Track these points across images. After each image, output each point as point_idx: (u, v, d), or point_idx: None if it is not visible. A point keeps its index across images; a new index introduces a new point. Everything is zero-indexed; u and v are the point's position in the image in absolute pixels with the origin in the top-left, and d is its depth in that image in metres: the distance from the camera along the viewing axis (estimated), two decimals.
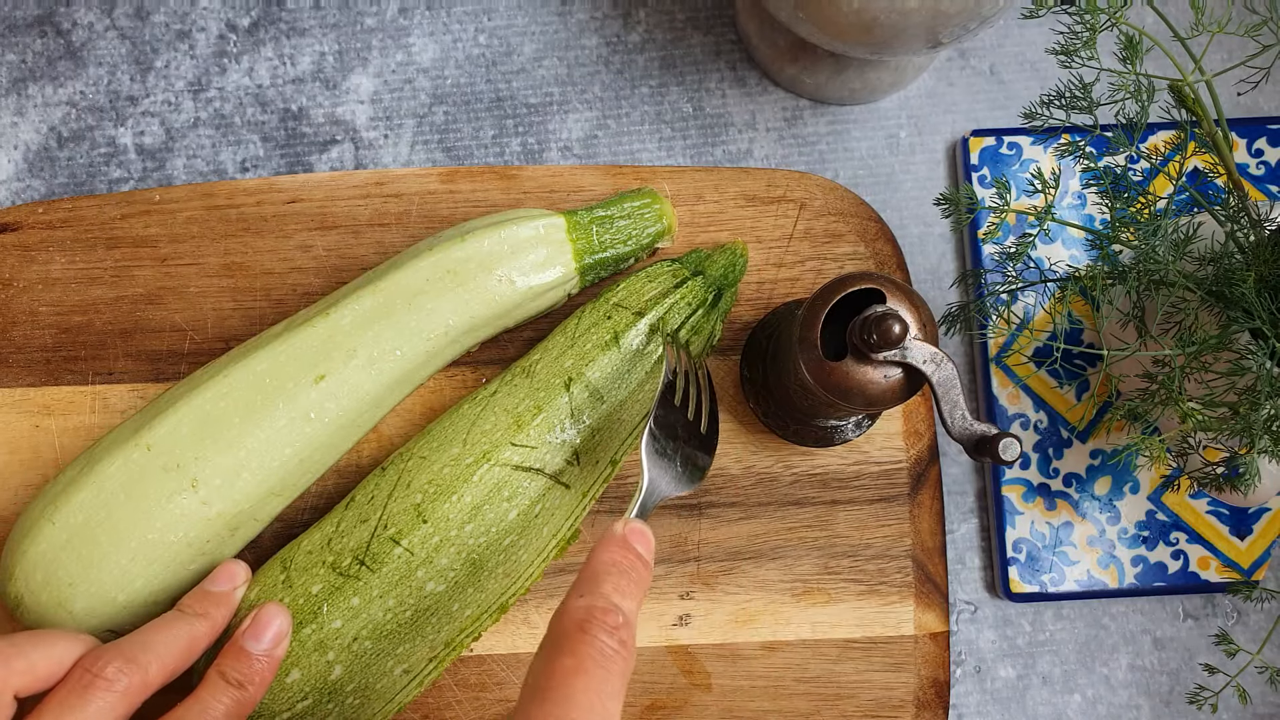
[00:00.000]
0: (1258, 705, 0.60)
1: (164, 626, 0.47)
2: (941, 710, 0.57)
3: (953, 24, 0.50)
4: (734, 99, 0.63)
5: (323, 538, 0.51)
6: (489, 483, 0.52)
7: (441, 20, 0.63)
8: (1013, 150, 0.61)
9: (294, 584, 0.50)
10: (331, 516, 0.52)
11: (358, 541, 0.51)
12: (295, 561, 0.51)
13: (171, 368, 0.57)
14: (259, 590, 0.50)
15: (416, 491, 0.51)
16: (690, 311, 0.55)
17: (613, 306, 0.55)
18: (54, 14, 0.62)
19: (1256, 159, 0.61)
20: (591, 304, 0.55)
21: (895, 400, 0.47)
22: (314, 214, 0.59)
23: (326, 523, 0.52)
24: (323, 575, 0.50)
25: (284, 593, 0.50)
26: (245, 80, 0.62)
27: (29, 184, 0.61)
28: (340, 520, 0.52)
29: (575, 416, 0.53)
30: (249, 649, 0.47)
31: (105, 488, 0.50)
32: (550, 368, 0.54)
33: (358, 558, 0.50)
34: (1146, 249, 0.47)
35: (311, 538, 0.52)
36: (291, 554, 0.51)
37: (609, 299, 0.55)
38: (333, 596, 0.50)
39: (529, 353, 0.55)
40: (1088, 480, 0.60)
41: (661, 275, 0.56)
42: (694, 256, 0.57)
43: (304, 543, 0.52)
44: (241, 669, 0.46)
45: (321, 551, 0.51)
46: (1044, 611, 0.61)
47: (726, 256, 0.57)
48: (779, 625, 0.57)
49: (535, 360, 0.54)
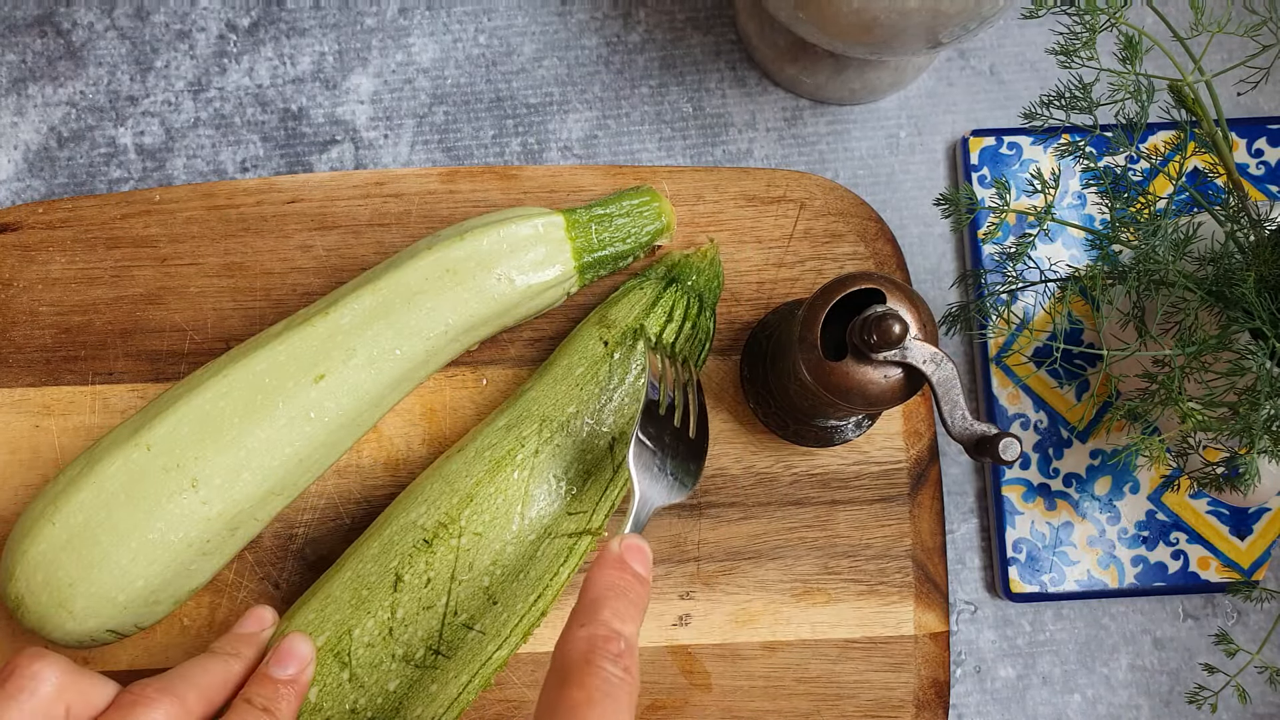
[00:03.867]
0: (1257, 705, 0.60)
1: (200, 664, 0.46)
2: (941, 710, 0.57)
3: (953, 24, 0.50)
4: (734, 99, 0.63)
5: (380, 627, 0.49)
6: (549, 554, 0.52)
7: (441, 20, 0.63)
8: (1013, 150, 0.61)
9: (364, 681, 0.49)
10: (377, 593, 0.49)
11: (427, 631, 0.49)
12: (356, 656, 0.49)
13: (171, 368, 0.57)
14: (320, 690, 0.48)
15: (483, 575, 0.50)
16: (679, 327, 0.55)
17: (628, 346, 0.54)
18: (54, 14, 0.62)
19: (1256, 159, 0.61)
20: (619, 350, 0.54)
21: (895, 400, 0.47)
22: (314, 214, 0.59)
23: (375, 604, 0.49)
24: (397, 670, 0.49)
25: (355, 692, 0.49)
26: (245, 80, 0.62)
27: (29, 184, 0.61)
28: (396, 606, 0.49)
29: (618, 472, 0.53)
30: (274, 675, 0.47)
31: (105, 488, 0.50)
32: (593, 428, 0.53)
33: (431, 648, 0.50)
34: (1146, 249, 0.47)
35: (364, 624, 0.49)
36: (345, 645, 0.49)
37: (614, 328, 0.55)
38: (413, 690, 0.50)
39: (557, 397, 0.53)
40: (1088, 480, 0.60)
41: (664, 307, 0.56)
42: (669, 269, 0.57)
43: (355, 630, 0.49)
44: (267, 693, 0.46)
45: (386, 643, 0.49)
46: (1044, 611, 0.61)
47: (699, 262, 0.57)
48: (779, 625, 0.57)
49: (571, 415, 0.53)
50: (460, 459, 0.52)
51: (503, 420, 0.53)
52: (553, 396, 0.53)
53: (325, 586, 0.51)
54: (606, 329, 0.54)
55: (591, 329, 0.55)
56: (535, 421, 0.53)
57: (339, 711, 0.49)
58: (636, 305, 0.55)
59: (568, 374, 0.54)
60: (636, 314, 0.55)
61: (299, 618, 0.50)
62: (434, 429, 0.58)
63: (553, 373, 0.54)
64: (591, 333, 0.55)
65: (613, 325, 0.54)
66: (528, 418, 0.53)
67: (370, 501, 0.57)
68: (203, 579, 0.53)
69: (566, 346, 0.55)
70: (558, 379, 0.54)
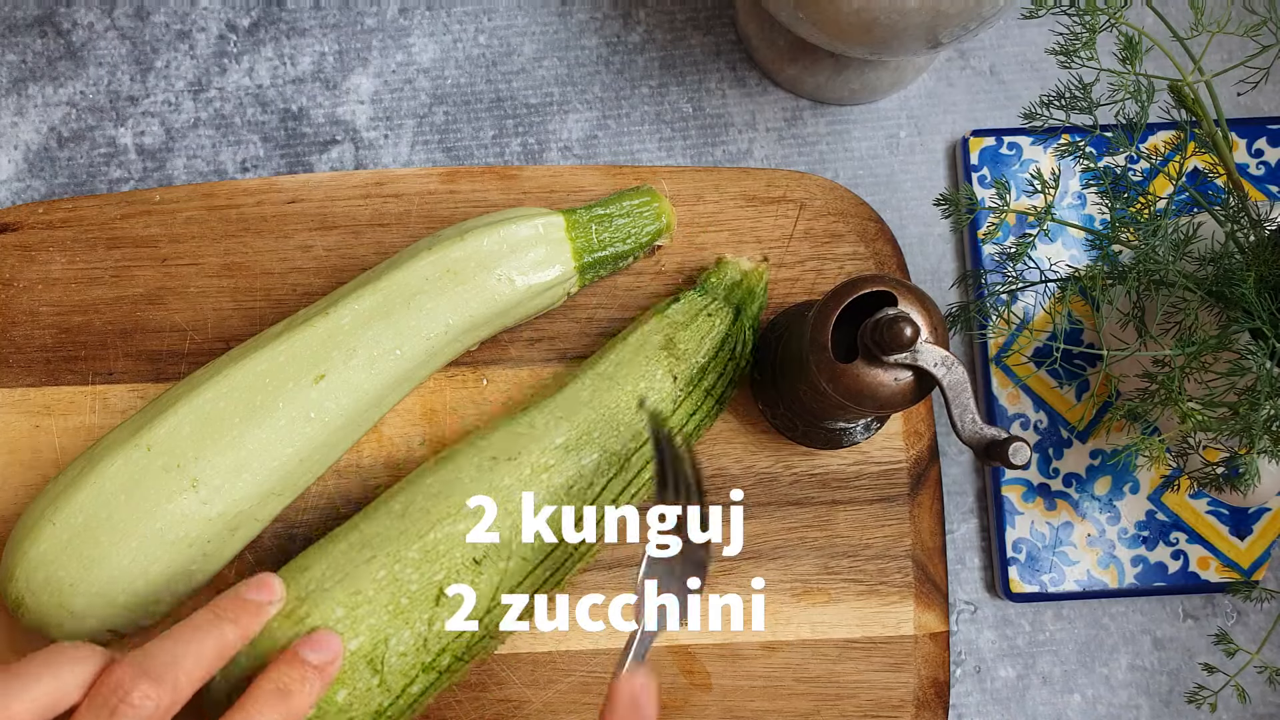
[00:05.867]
0: (1257, 705, 0.60)
1: (192, 635, 0.44)
2: (941, 710, 0.57)
3: (953, 24, 0.50)
4: (734, 99, 0.63)
5: (416, 639, 0.49)
6: (571, 564, 0.54)
7: (441, 20, 0.63)
8: (1013, 150, 0.61)
9: (392, 687, 0.49)
10: (418, 605, 0.49)
11: (459, 644, 0.50)
12: (389, 664, 0.48)
13: (171, 368, 0.57)
14: (348, 693, 0.48)
15: (520, 594, 0.51)
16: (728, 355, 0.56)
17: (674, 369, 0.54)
18: (54, 14, 0.62)
19: (1256, 159, 0.61)
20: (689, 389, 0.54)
21: (906, 403, 0.47)
22: (314, 214, 0.59)
23: (415, 615, 0.49)
24: (423, 677, 0.50)
25: (382, 695, 0.49)
26: (245, 80, 0.62)
27: (29, 184, 0.61)
28: (434, 620, 0.49)
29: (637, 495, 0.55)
30: (307, 657, 0.46)
31: (106, 488, 0.50)
32: (647, 462, 0.54)
33: (458, 657, 0.50)
34: (1146, 249, 0.47)
35: (400, 635, 0.49)
36: (380, 653, 0.48)
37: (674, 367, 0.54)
38: (431, 689, 0.50)
39: (620, 427, 0.53)
40: (1088, 480, 0.60)
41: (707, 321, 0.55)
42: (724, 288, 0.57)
43: (392, 640, 0.48)
44: (293, 675, 0.45)
45: (419, 654, 0.49)
46: (1044, 611, 0.61)
47: (756, 285, 0.57)
48: (779, 625, 0.57)
49: (632, 450, 0.53)
50: (514, 473, 0.51)
51: (560, 438, 0.52)
52: (615, 424, 0.53)
53: (353, 578, 0.49)
54: (676, 361, 0.54)
55: (659, 355, 0.54)
56: (597, 450, 0.52)
57: (365, 713, 0.49)
58: (707, 339, 0.55)
59: (634, 403, 0.53)
60: (707, 349, 0.55)
61: (324, 605, 0.48)
62: (434, 429, 0.58)
63: (616, 395, 0.53)
64: (660, 360, 0.54)
65: (683, 359, 0.54)
66: (589, 443, 0.52)
67: (370, 501, 0.57)
68: (203, 579, 0.53)
69: (629, 365, 0.54)
70: (622, 405, 0.53)
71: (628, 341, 0.55)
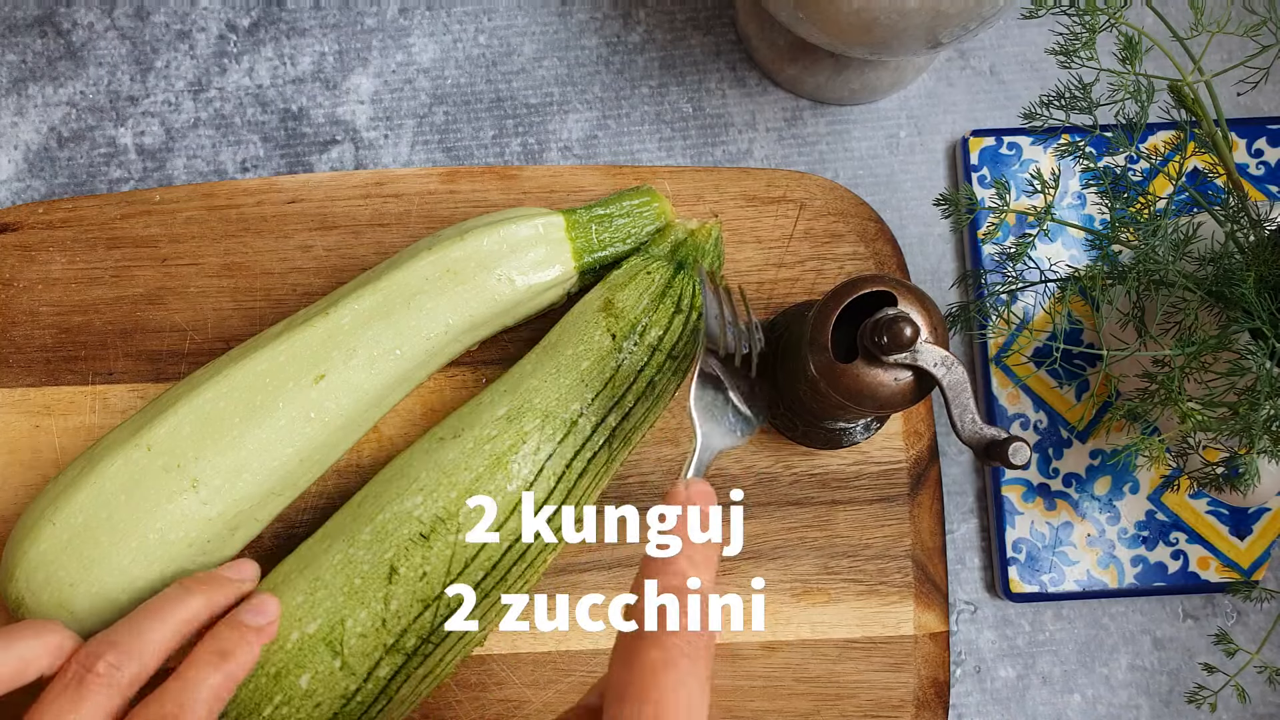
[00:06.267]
0: (1257, 705, 0.60)
1: (158, 609, 0.45)
2: (941, 710, 0.57)
3: (953, 24, 0.50)
4: (734, 99, 0.63)
5: (373, 618, 0.49)
6: (541, 545, 0.53)
7: (441, 20, 0.63)
8: (1013, 150, 0.61)
9: (355, 670, 0.49)
10: (371, 584, 0.49)
11: (420, 623, 0.50)
12: (348, 645, 0.49)
13: (171, 368, 0.57)
14: (310, 677, 0.49)
15: (477, 570, 0.50)
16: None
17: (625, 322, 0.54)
18: (54, 14, 0.62)
19: (1256, 159, 0.61)
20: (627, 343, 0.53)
21: (906, 403, 0.47)
22: (314, 214, 0.59)
23: (369, 594, 0.49)
24: (388, 659, 0.50)
25: (348, 679, 0.49)
26: (245, 80, 0.62)
27: (29, 184, 0.61)
28: (390, 598, 0.49)
29: (609, 466, 0.55)
30: (244, 619, 0.47)
31: (106, 488, 0.50)
32: (595, 426, 0.53)
33: (422, 637, 0.50)
34: (1146, 249, 0.47)
35: (356, 615, 0.49)
36: (338, 634, 0.49)
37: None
38: (401, 673, 0.50)
39: (561, 391, 0.53)
40: (1087, 480, 0.60)
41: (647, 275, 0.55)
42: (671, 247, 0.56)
43: (348, 620, 0.49)
44: (232, 639, 0.46)
45: (379, 634, 0.49)
46: (1044, 611, 0.61)
47: (704, 241, 0.56)
48: (779, 625, 0.57)
49: (575, 414, 0.53)
50: (457, 447, 0.52)
51: (502, 409, 0.52)
52: (556, 389, 0.53)
53: (312, 567, 0.51)
54: (615, 319, 0.53)
55: (598, 317, 0.54)
56: (538, 416, 0.52)
57: (331, 697, 0.49)
58: (645, 294, 0.54)
59: (574, 366, 0.53)
60: (645, 305, 0.53)
61: (286, 595, 0.50)
62: None
63: (556, 361, 0.53)
64: (598, 321, 0.53)
65: (620, 316, 0.53)
66: (529, 410, 0.52)
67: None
68: None
69: (570, 331, 0.54)
70: (562, 369, 0.53)
71: (570, 311, 0.55)
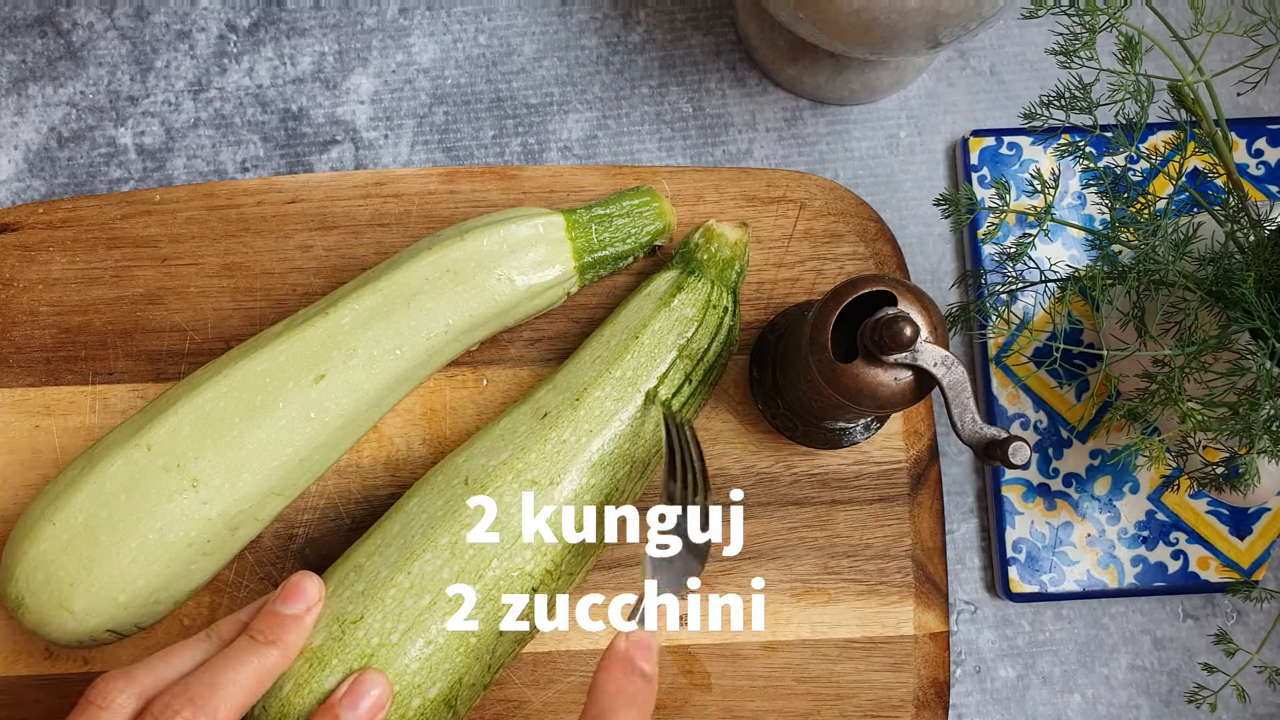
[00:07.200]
0: (1257, 705, 0.60)
1: (232, 662, 0.44)
2: (941, 710, 0.57)
3: (953, 24, 0.50)
4: (734, 99, 0.63)
5: (483, 669, 0.50)
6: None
7: (441, 20, 0.63)
8: (1013, 150, 0.61)
9: (461, 714, 0.50)
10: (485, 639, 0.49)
11: (508, 655, 0.52)
12: (461, 698, 0.50)
13: (171, 368, 0.57)
14: None
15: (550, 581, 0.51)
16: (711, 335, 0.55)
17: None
18: (54, 14, 0.62)
19: (1256, 159, 0.61)
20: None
21: (906, 403, 0.47)
22: (314, 214, 0.59)
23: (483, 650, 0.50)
24: (480, 696, 0.51)
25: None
26: (245, 80, 0.62)
27: (29, 184, 0.61)
28: (496, 648, 0.50)
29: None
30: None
31: (105, 488, 0.50)
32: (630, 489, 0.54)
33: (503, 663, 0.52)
34: (1146, 249, 0.47)
35: (472, 670, 0.49)
36: (455, 692, 0.49)
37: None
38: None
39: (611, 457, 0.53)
40: (1087, 480, 0.60)
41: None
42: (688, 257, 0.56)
43: (465, 678, 0.49)
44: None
45: (484, 678, 0.51)
46: (1044, 611, 0.61)
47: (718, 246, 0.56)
48: (779, 625, 0.57)
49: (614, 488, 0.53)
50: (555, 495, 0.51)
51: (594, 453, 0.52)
52: (639, 435, 0.53)
53: (418, 627, 0.49)
54: (690, 361, 0.54)
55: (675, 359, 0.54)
56: (626, 464, 0.52)
57: None
58: (716, 339, 0.55)
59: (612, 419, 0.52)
60: (715, 347, 0.55)
61: (395, 661, 0.47)
62: (434, 429, 0.58)
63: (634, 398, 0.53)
64: (678, 365, 0.54)
65: (693, 357, 0.54)
66: (621, 459, 0.52)
67: (370, 501, 0.57)
68: (203, 579, 0.53)
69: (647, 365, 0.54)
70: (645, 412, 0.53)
71: (640, 341, 0.54)
